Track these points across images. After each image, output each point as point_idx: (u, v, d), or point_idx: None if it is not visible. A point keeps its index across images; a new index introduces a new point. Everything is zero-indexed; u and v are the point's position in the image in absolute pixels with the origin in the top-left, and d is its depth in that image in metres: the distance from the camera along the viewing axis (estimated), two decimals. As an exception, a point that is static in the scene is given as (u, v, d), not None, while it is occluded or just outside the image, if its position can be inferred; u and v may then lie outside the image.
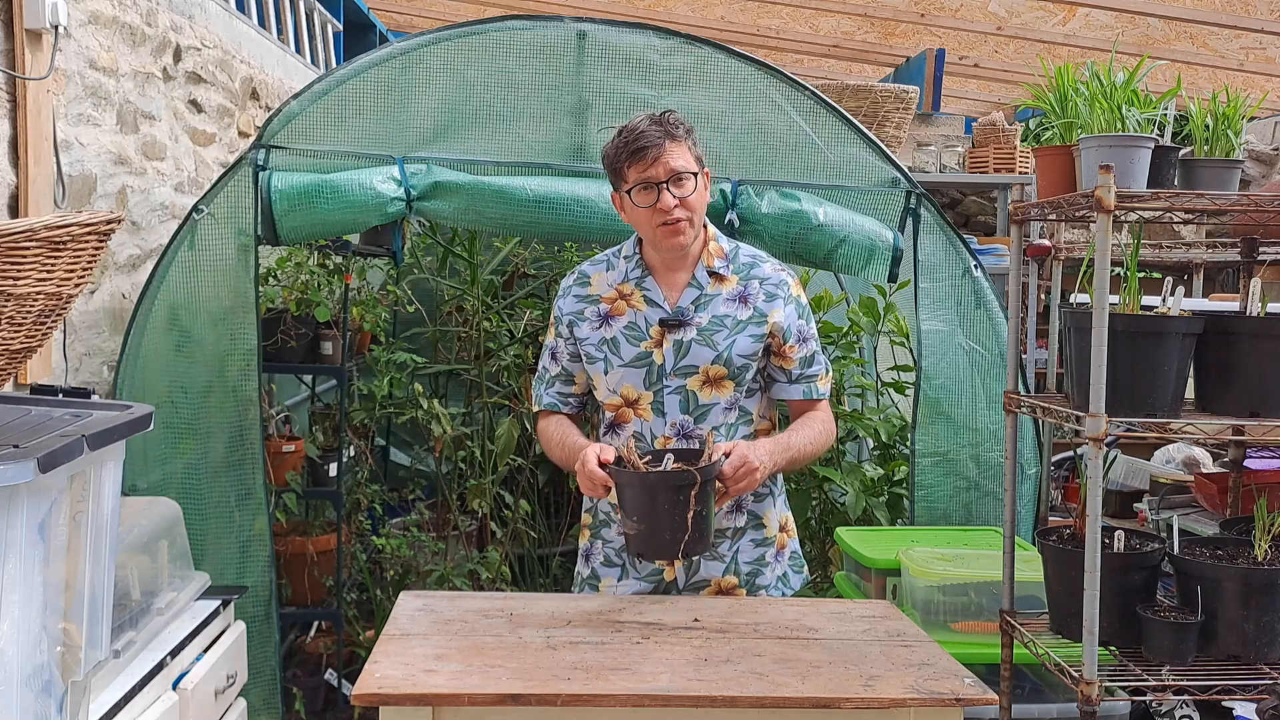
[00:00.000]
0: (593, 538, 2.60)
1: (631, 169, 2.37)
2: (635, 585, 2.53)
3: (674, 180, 2.37)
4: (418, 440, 4.82)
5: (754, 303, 2.49)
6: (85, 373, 3.18)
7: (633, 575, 2.53)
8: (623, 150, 2.38)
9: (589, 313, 2.51)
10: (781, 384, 2.53)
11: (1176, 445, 4.47)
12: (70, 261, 1.76)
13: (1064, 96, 2.49)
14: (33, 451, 1.53)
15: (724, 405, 2.47)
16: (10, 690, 1.58)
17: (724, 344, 2.45)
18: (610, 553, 2.56)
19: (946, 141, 6.52)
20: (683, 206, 2.38)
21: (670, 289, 2.49)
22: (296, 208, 3.08)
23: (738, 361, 2.45)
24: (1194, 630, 2.28)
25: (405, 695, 1.80)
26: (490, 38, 3.30)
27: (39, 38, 2.83)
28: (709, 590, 2.53)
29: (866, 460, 3.92)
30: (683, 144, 2.41)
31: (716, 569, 2.52)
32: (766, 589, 2.57)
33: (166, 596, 2.32)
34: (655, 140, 2.36)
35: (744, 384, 2.48)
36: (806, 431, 2.49)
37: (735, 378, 2.46)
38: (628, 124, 2.41)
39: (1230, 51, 6.47)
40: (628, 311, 2.48)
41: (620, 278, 2.51)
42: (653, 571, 2.51)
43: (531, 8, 6.70)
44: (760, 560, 2.57)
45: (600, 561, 2.57)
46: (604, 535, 2.57)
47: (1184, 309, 2.35)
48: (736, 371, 2.46)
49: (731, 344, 2.45)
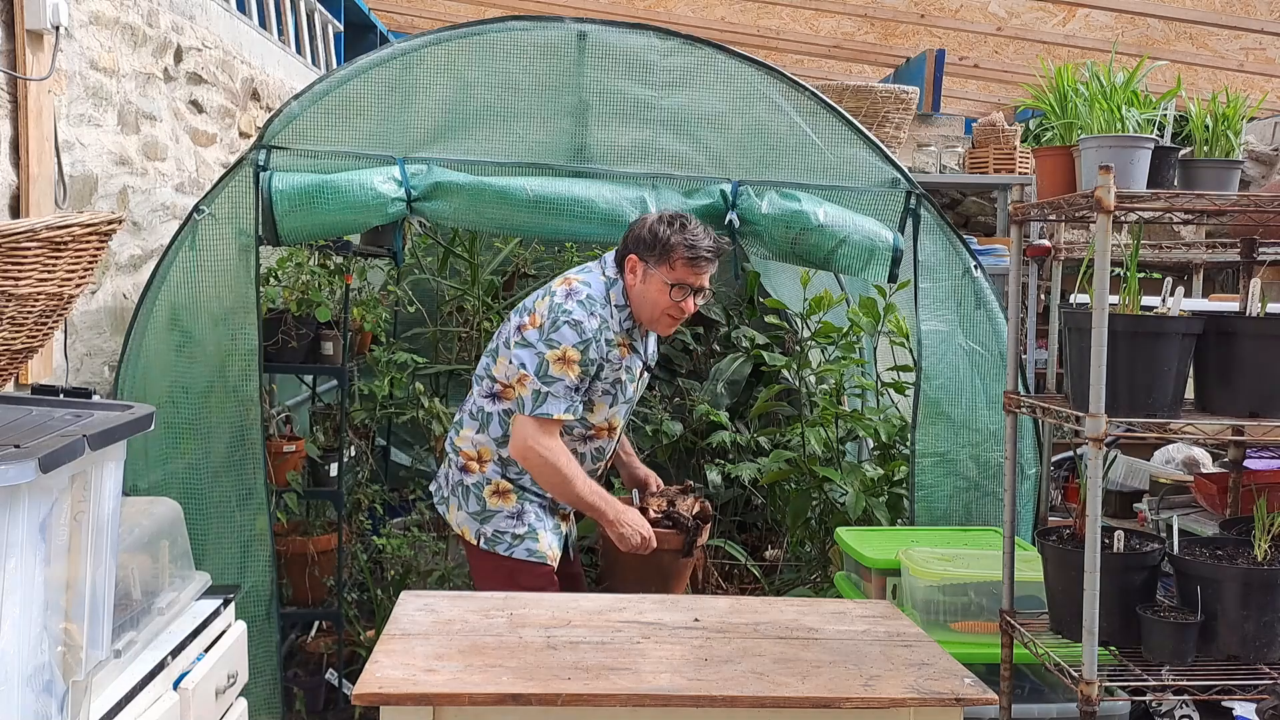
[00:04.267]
0: (520, 499, 2.93)
1: (683, 269, 2.82)
2: (555, 537, 2.96)
3: (699, 293, 2.89)
4: (418, 440, 4.82)
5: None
6: (86, 373, 3.18)
7: (550, 527, 2.95)
8: (686, 249, 2.81)
9: (613, 356, 2.88)
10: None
11: (1176, 445, 4.47)
12: (71, 262, 1.76)
13: (1064, 97, 2.49)
14: (34, 451, 1.53)
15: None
16: (11, 690, 1.59)
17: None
18: (541, 503, 2.94)
19: (946, 142, 6.52)
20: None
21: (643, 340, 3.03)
22: (297, 208, 3.08)
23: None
24: (1194, 630, 2.28)
25: (406, 695, 1.81)
26: (490, 38, 3.30)
27: (40, 38, 2.83)
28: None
29: (866, 460, 3.92)
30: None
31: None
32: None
33: (167, 596, 2.32)
34: (711, 260, 2.86)
35: None
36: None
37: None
38: (691, 224, 2.86)
39: (1230, 52, 6.47)
40: (627, 356, 2.93)
41: (619, 326, 2.90)
42: (559, 505, 2.98)
43: (531, 9, 6.70)
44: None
45: (533, 517, 2.92)
46: (530, 494, 2.93)
47: (1184, 309, 2.36)
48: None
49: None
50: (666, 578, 2.98)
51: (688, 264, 2.82)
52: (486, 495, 2.92)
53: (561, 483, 2.83)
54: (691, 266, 2.82)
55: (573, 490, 2.83)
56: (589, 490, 2.86)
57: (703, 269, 2.84)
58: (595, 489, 2.89)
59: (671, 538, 2.96)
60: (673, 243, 2.82)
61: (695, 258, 2.82)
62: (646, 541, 2.85)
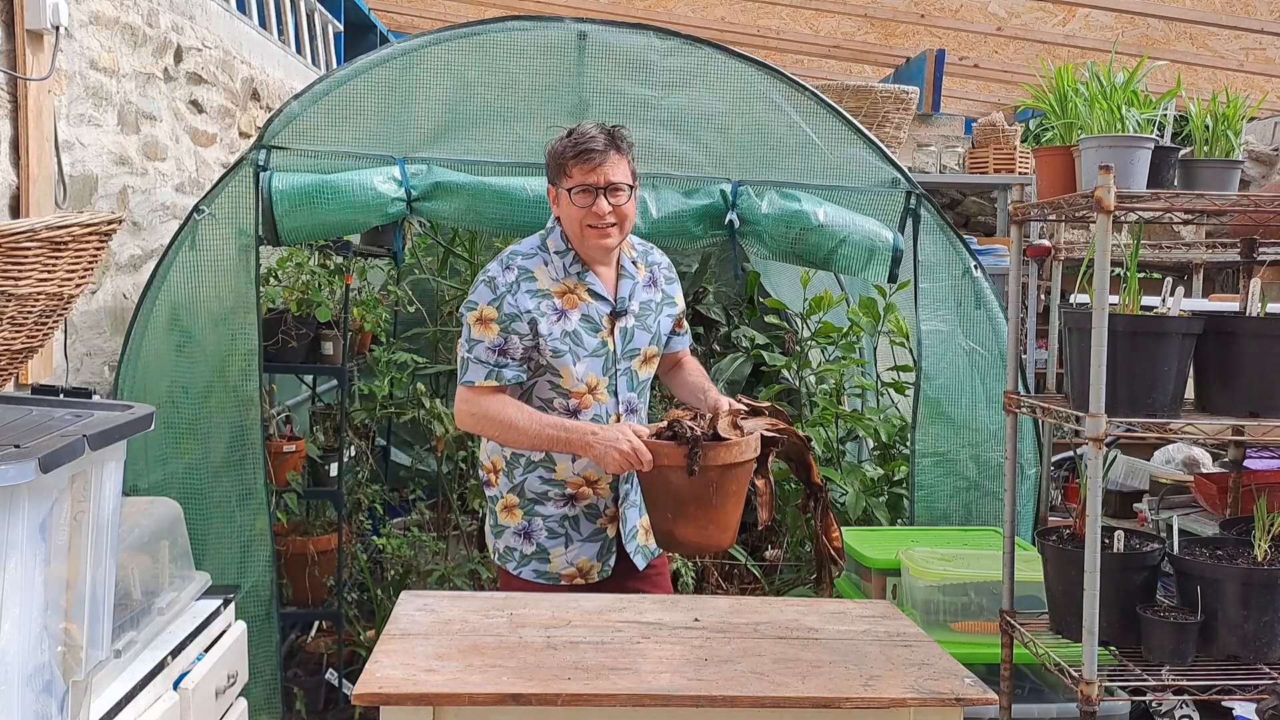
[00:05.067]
0: (527, 516, 2.71)
1: (576, 170, 2.56)
2: (583, 549, 2.70)
3: (611, 190, 2.57)
4: (418, 440, 4.82)
5: (660, 286, 2.79)
6: (86, 373, 3.18)
7: (577, 540, 2.70)
8: (570, 150, 2.57)
9: (545, 307, 2.62)
10: (675, 338, 2.87)
11: (1176, 445, 4.47)
12: (71, 262, 1.76)
13: (1064, 97, 2.49)
14: (34, 451, 1.53)
15: (647, 379, 2.77)
16: (11, 690, 1.59)
17: (654, 326, 2.75)
18: (552, 525, 2.70)
19: (946, 142, 6.53)
20: (614, 214, 2.58)
21: (606, 282, 2.70)
22: (297, 208, 3.08)
23: (663, 339, 2.78)
24: (1194, 630, 2.28)
25: (406, 695, 1.81)
26: (491, 38, 3.30)
27: (40, 38, 2.83)
28: (641, 536, 2.74)
29: (866, 460, 3.92)
30: (625, 158, 2.62)
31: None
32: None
33: (167, 596, 2.32)
34: (602, 148, 2.56)
35: (659, 357, 2.80)
36: (703, 374, 2.91)
37: (659, 354, 2.78)
38: (579, 127, 2.61)
39: (1230, 52, 6.47)
40: (579, 304, 2.65)
41: (560, 273, 2.66)
42: (595, 532, 2.70)
43: (531, 9, 6.70)
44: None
45: (544, 536, 2.70)
46: (539, 511, 2.70)
47: (1184, 309, 2.36)
48: (661, 348, 2.78)
49: (658, 325, 2.76)
50: (679, 502, 2.47)
51: (578, 162, 2.54)
52: (499, 510, 2.76)
53: (510, 431, 2.58)
54: (583, 162, 2.54)
55: (527, 434, 2.57)
56: (545, 425, 2.56)
57: (595, 161, 2.54)
58: (552, 421, 2.58)
59: (670, 451, 2.44)
60: (558, 149, 2.59)
61: (580, 150, 2.54)
62: (628, 456, 2.46)
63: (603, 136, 2.57)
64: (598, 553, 2.71)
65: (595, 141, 2.55)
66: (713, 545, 2.59)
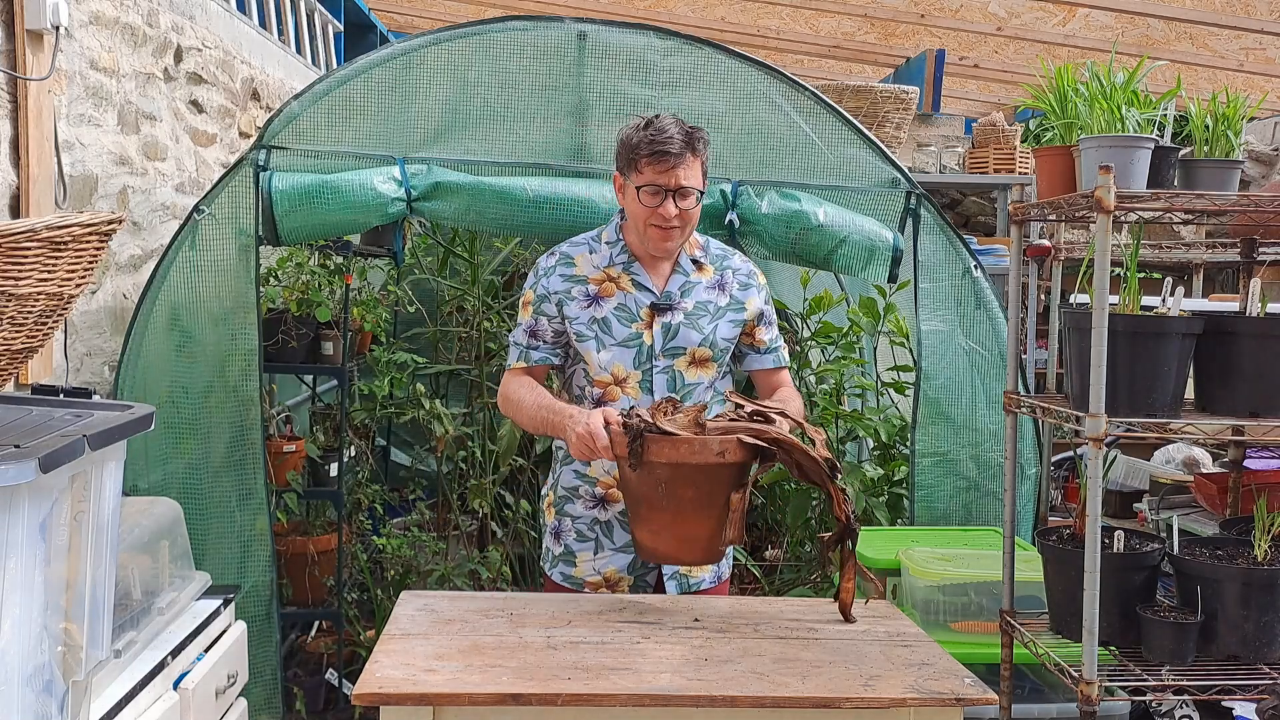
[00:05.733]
0: (559, 515, 2.65)
1: (648, 167, 2.46)
2: (613, 559, 2.60)
3: (681, 193, 2.48)
4: (418, 440, 4.82)
5: (730, 291, 2.66)
6: (86, 373, 3.18)
7: (609, 548, 2.60)
8: (645, 146, 2.46)
9: (576, 292, 2.58)
10: (754, 356, 2.72)
11: (1176, 445, 4.47)
12: (71, 262, 1.76)
13: (1064, 97, 2.49)
14: (34, 451, 1.53)
15: (705, 385, 2.61)
16: (11, 690, 1.59)
17: (708, 328, 2.60)
18: (582, 527, 2.62)
19: (946, 142, 6.53)
20: (680, 217, 2.51)
21: (657, 275, 2.61)
22: (297, 208, 3.08)
23: (721, 345, 2.61)
24: (1194, 630, 2.28)
25: (406, 695, 1.81)
26: (491, 39, 3.30)
27: (40, 38, 2.83)
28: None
29: (866, 460, 3.92)
30: (699, 160, 2.51)
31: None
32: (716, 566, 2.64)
33: (167, 596, 2.32)
34: (679, 150, 2.45)
35: (723, 365, 2.65)
36: (797, 403, 2.63)
37: (718, 360, 2.62)
38: (657, 120, 2.49)
39: (1230, 52, 6.47)
40: (617, 293, 2.58)
41: (605, 261, 2.60)
42: (630, 542, 2.50)
43: (531, 9, 6.70)
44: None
45: (573, 538, 2.62)
46: (569, 510, 2.63)
47: (1184, 309, 2.36)
48: (719, 354, 2.62)
49: (715, 329, 2.61)
50: (634, 501, 2.27)
51: (652, 160, 2.44)
52: (545, 507, 2.71)
53: (517, 411, 2.54)
54: (657, 162, 2.43)
55: (526, 413, 2.52)
56: (540, 405, 2.49)
57: (670, 163, 2.43)
58: (546, 403, 2.49)
59: (619, 441, 2.22)
60: (634, 141, 2.47)
61: (655, 151, 2.43)
62: (584, 439, 2.29)
63: (680, 137, 2.45)
64: (629, 565, 2.58)
65: (672, 143, 2.44)
66: (675, 557, 2.33)
